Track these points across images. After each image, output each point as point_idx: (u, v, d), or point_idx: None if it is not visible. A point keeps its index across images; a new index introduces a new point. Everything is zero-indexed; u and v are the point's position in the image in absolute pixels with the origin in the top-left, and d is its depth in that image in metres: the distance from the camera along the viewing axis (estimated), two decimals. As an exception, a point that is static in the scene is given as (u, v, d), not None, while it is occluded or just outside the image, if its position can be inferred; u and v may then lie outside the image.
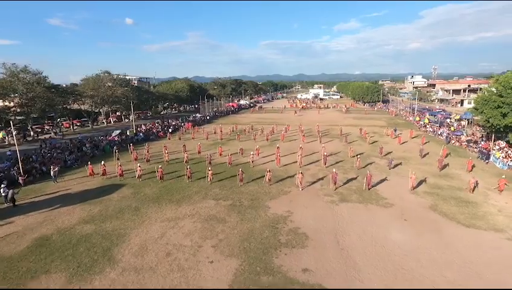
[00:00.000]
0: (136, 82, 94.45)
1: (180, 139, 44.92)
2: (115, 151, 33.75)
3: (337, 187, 23.20)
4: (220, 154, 33.34)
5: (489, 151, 31.37)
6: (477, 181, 23.67)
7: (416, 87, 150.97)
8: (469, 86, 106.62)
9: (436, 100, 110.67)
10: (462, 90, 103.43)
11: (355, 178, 25.89)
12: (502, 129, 30.02)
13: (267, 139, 41.66)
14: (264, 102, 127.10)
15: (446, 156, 31.29)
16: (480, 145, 35.41)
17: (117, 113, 71.62)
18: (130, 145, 36.63)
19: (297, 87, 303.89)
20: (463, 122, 55.08)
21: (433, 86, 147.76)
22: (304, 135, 42.51)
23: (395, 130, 45.00)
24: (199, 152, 34.89)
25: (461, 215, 19.07)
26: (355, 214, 19.35)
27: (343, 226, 17.80)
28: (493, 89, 31.68)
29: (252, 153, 30.66)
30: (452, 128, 44.92)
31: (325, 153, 29.72)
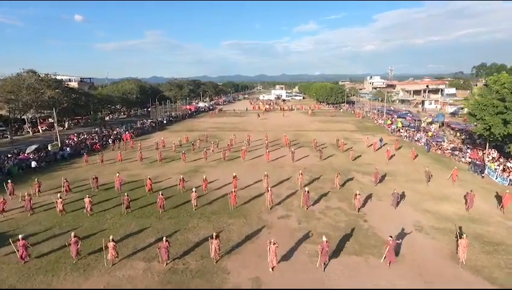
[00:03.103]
0: (76, 83, 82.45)
1: (102, 162, 31.59)
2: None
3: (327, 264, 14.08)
4: (149, 190, 22.57)
5: (484, 162, 27.14)
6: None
7: (375, 88, 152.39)
8: (427, 86, 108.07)
9: (397, 101, 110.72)
10: (422, 91, 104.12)
11: (351, 233, 16.68)
12: (500, 138, 25.78)
13: (224, 157, 32.18)
14: (224, 104, 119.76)
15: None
16: (468, 154, 31.40)
17: (49, 120, 60.44)
18: (6, 184, 22.49)
19: (258, 87, 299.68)
20: (434, 126, 52.38)
21: (392, 86, 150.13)
22: (268, 152, 32.48)
23: (381, 141, 37.54)
24: (119, 188, 22.86)
25: (499, 270, 13.59)
26: (356, 279, 13.11)
27: (343, 309, 11.43)
28: (485, 93, 27.52)
29: (193, 189, 20.10)
30: (430, 134, 40.99)
31: (307, 190, 19.72)
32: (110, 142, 42.72)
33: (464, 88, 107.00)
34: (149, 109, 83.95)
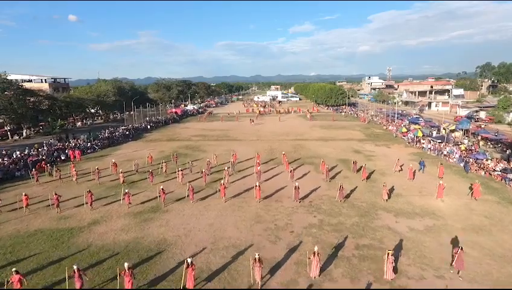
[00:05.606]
0: (47, 84, 73.15)
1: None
2: None
3: None
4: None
5: None
6: None
7: (374, 88, 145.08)
8: (432, 87, 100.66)
9: (401, 102, 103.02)
10: (428, 92, 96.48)
11: None
12: None
13: (192, 197, 21.10)
14: (216, 106, 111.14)
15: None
16: (529, 178, 23.25)
17: (5, 128, 51.43)
18: None
19: (253, 88, 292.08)
20: (457, 134, 44.41)
21: (391, 86, 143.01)
22: (259, 186, 21.51)
23: (421, 163, 27.42)
24: None
25: None
26: None
27: None
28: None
29: None
30: (463, 147, 32.67)
31: None
32: (62, 158, 34.02)
33: (471, 89, 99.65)
34: (130, 113, 75.19)
